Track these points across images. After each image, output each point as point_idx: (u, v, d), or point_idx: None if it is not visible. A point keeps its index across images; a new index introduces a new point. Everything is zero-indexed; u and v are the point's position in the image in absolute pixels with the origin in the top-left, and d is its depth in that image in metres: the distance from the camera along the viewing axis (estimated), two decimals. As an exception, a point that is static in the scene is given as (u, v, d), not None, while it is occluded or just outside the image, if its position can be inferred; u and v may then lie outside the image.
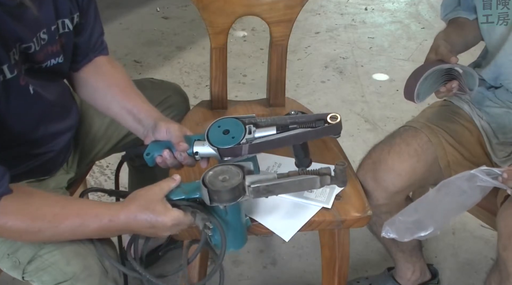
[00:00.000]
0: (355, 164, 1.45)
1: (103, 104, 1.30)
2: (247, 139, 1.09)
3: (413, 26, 3.60)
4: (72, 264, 1.08)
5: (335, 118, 1.09)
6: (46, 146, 1.23)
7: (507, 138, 1.40)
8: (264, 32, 3.11)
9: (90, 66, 1.31)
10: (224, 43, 1.56)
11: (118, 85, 1.30)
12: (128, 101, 1.27)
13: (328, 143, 1.49)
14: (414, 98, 1.35)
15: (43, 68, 1.15)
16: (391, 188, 1.38)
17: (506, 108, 1.42)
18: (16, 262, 1.11)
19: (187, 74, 3.02)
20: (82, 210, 1.03)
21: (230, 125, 1.12)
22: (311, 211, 1.24)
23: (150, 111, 1.26)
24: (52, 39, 1.14)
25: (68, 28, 1.19)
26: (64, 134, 1.28)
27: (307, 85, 2.91)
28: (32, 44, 1.08)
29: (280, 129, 1.11)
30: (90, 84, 1.31)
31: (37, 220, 1.00)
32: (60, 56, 1.18)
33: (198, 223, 1.03)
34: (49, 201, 1.03)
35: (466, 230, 1.97)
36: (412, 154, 1.39)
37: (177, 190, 1.07)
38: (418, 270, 1.63)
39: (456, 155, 1.42)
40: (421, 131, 1.42)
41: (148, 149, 1.18)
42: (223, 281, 1.11)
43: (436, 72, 1.35)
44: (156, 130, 1.19)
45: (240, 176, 1.03)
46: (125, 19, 3.61)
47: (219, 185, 1.01)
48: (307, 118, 1.12)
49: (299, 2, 1.54)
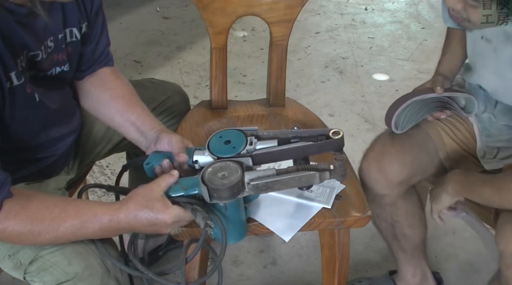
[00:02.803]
0: (355, 164, 1.45)
1: (107, 116, 1.31)
2: (247, 150, 1.09)
3: (413, 26, 3.60)
4: (74, 264, 1.08)
5: (337, 133, 1.09)
6: (48, 150, 1.23)
7: (489, 142, 1.40)
8: (264, 32, 3.11)
9: (94, 77, 1.32)
10: (224, 43, 1.56)
11: (122, 97, 1.30)
12: (131, 113, 1.28)
13: (328, 143, 1.49)
14: (392, 128, 1.37)
15: (48, 76, 1.15)
16: (395, 178, 1.39)
17: (488, 113, 1.42)
18: (18, 263, 1.11)
19: (187, 74, 3.02)
20: (81, 211, 1.03)
21: (232, 136, 1.12)
22: (311, 211, 1.24)
23: (153, 124, 1.27)
24: (58, 48, 1.14)
25: (75, 37, 1.19)
26: (67, 138, 1.28)
27: (307, 85, 2.91)
28: (40, 52, 1.09)
29: (281, 142, 1.11)
30: (94, 96, 1.32)
31: (37, 223, 1.00)
32: (66, 65, 1.19)
33: (199, 221, 1.03)
34: (48, 203, 1.03)
35: (466, 230, 1.97)
36: (414, 144, 1.40)
37: (176, 186, 1.06)
38: (419, 274, 1.62)
39: (455, 147, 1.43)
40: (420, 124, 1.43)
41: (149, 159, 1.19)
42: (222, 281, 1.11)
43: (419, 102, 1.37)
44: (158, 141, 1.21)
45: (239, 172, 1.03)
46: (125, 19, 3.61)
47: (218, 182, 1.01)
48: (309, 133, 1.12)
49: (299, 2, 1.54)
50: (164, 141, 1.19)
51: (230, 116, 1.60)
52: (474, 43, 1.37)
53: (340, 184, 1.32)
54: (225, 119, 1.58)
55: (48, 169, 1.26)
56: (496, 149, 1.39)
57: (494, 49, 1.29)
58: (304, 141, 1.11)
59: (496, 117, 1.39)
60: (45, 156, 1.23)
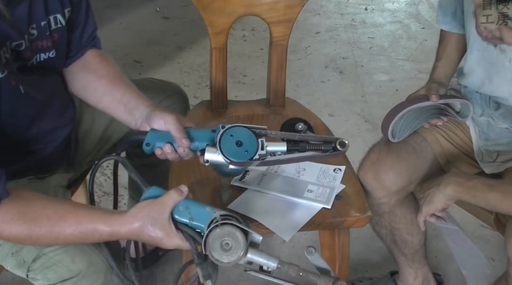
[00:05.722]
0: (355, 164, 1.45)
1: (95, 98, 1.29)
2: (259, 155, 1.10)
3: (413, 26, 3.60)
4: (77, 261, 1.09)
5: (343, 145, 1.11)
6: (42, 142, 1.22)
7: (488, 145, 1.40)
8: (264, 32, 3.11)
9: (80, 61, 1.31)
10: (224, 43, 1.56)
11: (107, 76, 1.29)
12: (117, 91, 1.26)
13: (328, 143, 1.49)
14: (389, 137, 1.36)
15: (35, 65, 1.14)
16: (392, 187, 1.38)
17: (486, 117, 1.41)
18: (21, 260, 1.11)
19: (187, 74, 3.02)
20: (81, 223, 1.02)
21: (243, 137, 1.11)
22: (311, 211, 1.24)
23: (141, 99, 1.24)
24: (42, 35, 1.13)
25: (60, 23, 1.18)
26: (60, 130, 1.26)
27: (307, 85, 2.91)
28: (23, 41, 1.08)
29: (290, 145, 1.13)
30: (80, 78, 1.30)
31: (35, 229, 1.00)
32: (52, 51, 1.17)
33: (199, 274, 1.02)
34: (46, 210, 1.02)
35: (466, 230, 1.97)
36: (410, 151, 1.39)
37: (184, 211, 1.04)
38: (421, 276, 1.61)
39: (454, 150, 1.42)
40: (416, 130, 1.42)
41: (148, 139, 1.15)
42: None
43: (415, 110, 1.36)
44: (152, 120, 1.17)
45: (241, 251, 0.99)
46: (125, 19, 3.61)
47: (217, 255, 0.99)
48: (316, 139, 1.14)
49: (299, 2, 1.54)
50: (159, 120, 1.16)
51: (230, 116, 1.59)
52: (483, 52, 1.33)
53: (340, 184, 1.32)
54: (225, 119, 1.58)
55: (44, 161, 1.25)
56: (495, 153, 1.38)
57: (510, 60, 1.26)
58: (311, 146, 1.13)
59: (495, 120, 1.39)
60: (39, 147, 1.22)
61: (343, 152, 1.12)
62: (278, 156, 1.12)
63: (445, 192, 1.24)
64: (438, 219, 1.30)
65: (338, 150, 1.11)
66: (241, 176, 1.34)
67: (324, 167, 1.37)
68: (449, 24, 1.47)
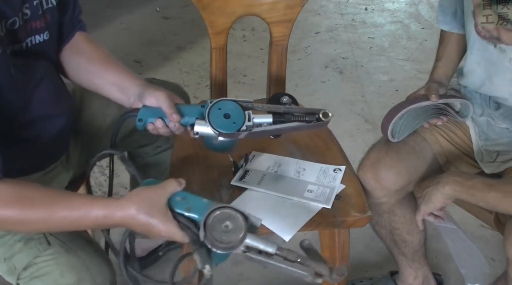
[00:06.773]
0: (355, 164, 1.45)
1: (87, 80, 1.31)
2: (246, 126, 1.14)
3: (413, 26, 3.60)
4: (66, 277, 1.09)
5: (326, 115, 1.19)
6: (37, 129, 1.21)
7: (488, 145, 1.40)
8: (264, 32, 3.11)
9: (70, 44, 1.32)
10: (224, 43, 1.56)
11: (98, 59, 1.31)
12: (110, 72, 1.28)
13: (328, 143, 1.49)
14: (389, 136, 1.36)
15: (29, 48, 1.15)
16: (392, 187, 1.38)
17: (486, 117, 1.41)
18: (12, 267, 1.12)
19: (187, 74, 3.02)
20: (75, 204, 1.01)
21: (231, 109, 1.15)
22: (311, 211, 1.24)
23: (133, 79, 1.26)
24: (35, 15, 1.14)
25: (51, 3, 1.19)
26: (57, 118, 1.26)
27: (307, 85, 2.91)
28: (17, 19, 1.08)
29: (276, 117, 1.18)
30: (72, 62, 1.32)
31: (27, 212, 0.98)
32: (45, 33, 1.18)
33: (196, 259, 1.01)
34: (40, 193, 1.01)
35: (466, 230, 1.97)
36: (410, 151, 1.39)
37: (181, 202, 1.03)
38: (421, 276, 1.61)
39: (454, 150, 1.42)
40: (416, 130, 1.42)
41: (140, 115, 1.18)
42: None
43: (415, 110, 1.36)
44: (144, 97, 1.19)
45: (242, 233, 0.99)
46: (125, 19, 3.61)
47: (217, 236, 0.99)
48: (300, 111, 1.20)
49: (299, 2, 1.54)
50: (151, 97, 1.18)
51: (230, 116, 1.59)
52: (483, 52, 1.33)
53: (340, 184, 1.32)
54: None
55: (42, 150, 1.24)
56: (495, 153, 1.38)
57: (510, 60, 1.26)
58: (296, 118, 1.19)
59: (495, 120, 1.39)
60: (34, 134, 1.21)
61: (326, 122, 1.18)
62: (264, 127, 1.17)
63: (443, 191, 1.23)
64: (436, 218, 1.30)
65: (321, 120, 1.18)
66: (241, 176, 1.34)
67: (324, 167, 1.37)
68: (449, 24, 1.47)
